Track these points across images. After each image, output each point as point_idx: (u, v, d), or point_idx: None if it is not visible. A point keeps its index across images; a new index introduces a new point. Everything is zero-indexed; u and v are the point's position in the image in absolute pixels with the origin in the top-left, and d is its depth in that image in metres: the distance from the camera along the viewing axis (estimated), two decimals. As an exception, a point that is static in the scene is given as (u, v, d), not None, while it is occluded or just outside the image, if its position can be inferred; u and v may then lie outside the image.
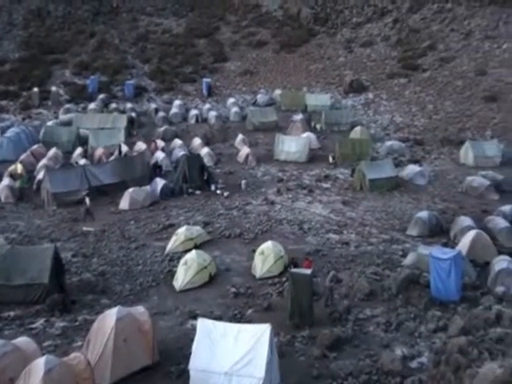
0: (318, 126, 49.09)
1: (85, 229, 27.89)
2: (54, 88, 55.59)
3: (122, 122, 45.71)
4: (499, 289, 20.03)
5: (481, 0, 72.01)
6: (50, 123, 47.31)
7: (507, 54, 57.55)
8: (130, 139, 43.23)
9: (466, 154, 39.39)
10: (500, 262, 21.36)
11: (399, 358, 16.14)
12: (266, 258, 22.57)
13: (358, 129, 45.48)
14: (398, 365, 15.92)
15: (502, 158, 38.59)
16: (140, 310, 16.48)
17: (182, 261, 22.08)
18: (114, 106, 52.85)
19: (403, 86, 58.47)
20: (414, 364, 16.14)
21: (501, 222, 26.02)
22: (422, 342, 17.25)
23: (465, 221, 26.37)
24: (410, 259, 22.44)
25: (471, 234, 23.90)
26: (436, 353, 16.28)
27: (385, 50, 68.07)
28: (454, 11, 71.16)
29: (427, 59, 62.42)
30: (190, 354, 14.52)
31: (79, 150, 39.53)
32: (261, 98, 57.93)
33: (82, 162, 36.54)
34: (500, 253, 23.11)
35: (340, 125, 49.04)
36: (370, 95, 58.16)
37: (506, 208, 28.15)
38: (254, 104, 56.52)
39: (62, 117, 48.99)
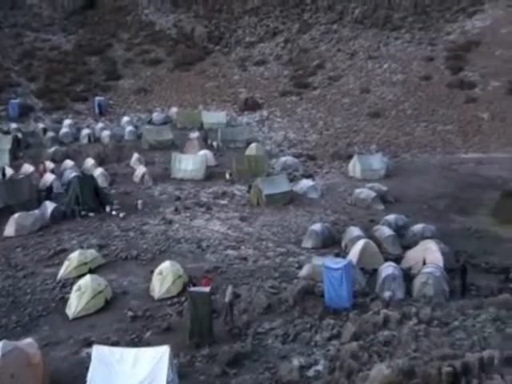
0: (214, 144, 49.60)
1: (-35, 260, 25.87)
2: None
3: (6, 143, 43.11)
4: (386, 294, 21.37)
5: (363, 23, 77.51)
6: None
7: (388, 74, 62.20)
8: (15, 161, 40.84)
9: (354, 167, 41.75)
10: (386, 269, 22.83)
11: (296, 368, 16.64)
12: (164, 278, 22.33)
13: (253, 145, 46.59)
14: (296, 375, 16.42)
15: (386, 171, 41.43)
16: (28, 342, 15.61)
17: (76, 287, 21.20)
18: (-4, 126, 49.73)
19: (295, 104, 60.98)
20: (310, 373, 16.68)
21: (386, 231, 27.85)
22: (318, 350, 17.91)
23: (354, 231, 27.90)
24: (305, 271, 23.30)
25: (360, 243, 25.32)
26: (330, 360, 17.01)
27: (277, 68, 70.65)
28: (340, 32, 75.75)
29: (317, 78, 65.68)
30: (86, 383, 14.00)
31: (-42, 175, 36.74)
32: (156, 116, 57.46)
33: (-38, 187, 33.93)
34: (386, 260, 24.73)
35: (236, 142, 49.94)
36: (265, 112, 59.94)
37: (391, 217, 30.18)
38: (150, 122, 55.92)
39: None
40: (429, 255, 24.56)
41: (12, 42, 71.29)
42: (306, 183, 37.89)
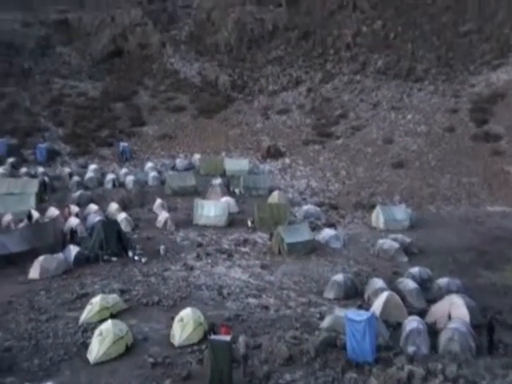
0: (236, 191, 50.55)
1: (-11, 301, 26.54)
2: (-44, 151, 53.49)
3: (33, 186, 44.56)
4: (410, 349, 21.30)
5: (386, 73, 79.36)
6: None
7: (411, 124, 63.14)
8: (41, 205, 42.14)
9: (377, 217, 42.05)
10: (410, 323, 22.77)
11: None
12: (185, 325, 22.60)
13: (275, 193, 47.38)
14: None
15: (409, 222, 41.59)
16: (51, 387, 15.95)
17: (97, 331, 21.57)
18: (24, 170, 51.48)
19: (318, 153, 62.01)
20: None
21: (410, 284, 27.85)
22: (340, 404, 17.86)
23: (377, 283, 27.98)
24: (327, 322, 23.37)
25: (384, 295, 25.35)
26: (353, 414, 16.96)
27: (300, 117, 72.25)
28: (363, 83, 77.55)
29: (339, 127, 66.96)
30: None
31: (-15, 217, 37.99)
32: (180, 162, 58.98)
33: (-12, 229, 35.12)
34: (410, 313, 24.67)
35: (258, 189, 50.81)
36: (287, 161, 61.00)
37: (415, 270, 30.21)
38: (173, 168, 57.39)
39: (-35, 183, 46.92)
40: (454, 310, 24.42)
41: (41, 89, 74.51)
42: (328, 232, 38.22)
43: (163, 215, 40.76)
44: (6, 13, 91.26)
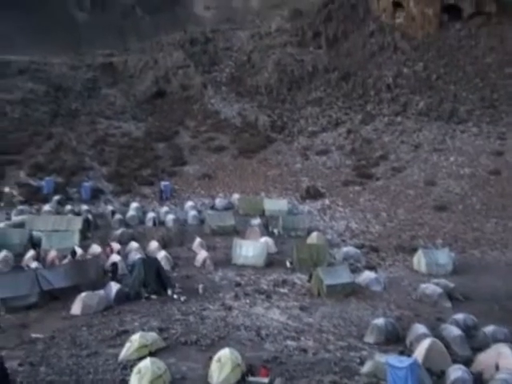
0: (275, 231, 50.98)
1: (33, 335, 27.46)
2: (7, 189, 56.15)
3: (77, 224, 46.21)
4: (454, 397, 20.87)
5: (428, 115, 79.48)
6: (1, 225, 47.25)
7: (454, 167, 62.73)
8: (84, 242, 43.58)
9: (419, 261, 41.59)
10: (455, 371, 22.28)
11: None
12: (222, 365, 22.78)
13: (314, 234, 47.57)
14: None
15: (453, 267, 40.93)
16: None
17: (136, 369, 21.97)
18: (69, 207, 53.52)
19: (358, 194, 62.12)
20: None
21: (454, 331, 27.31)
22: None
23: (420, 328, 27.56)
24: (367, 367, 23.15)
25: (426, 342, 24.96)
26: None
27: (340, 158, 72.80)
28: (404, 124, 77.89)
29: (380, 168, 67.08)
30: None
31: (31, 253, 39.46)
32: (219, 202, 60.08)
33: (34, 265, 36.43)
34: (455, 361, 24.16)
35: (297, 230, 51.09)
36: (326, 201, 61.27)
37: (459, 316, 29.63)
38: (212, 208, 58.46)
39: (15, 218, 49.14)
40: (502, 360, 23.68)
41: (87, 129, 77.81)
42: (368, 275, 37.99)
43: (202, 254, 41.44)
44: (56, 57, 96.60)
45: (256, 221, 51.85)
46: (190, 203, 58.97)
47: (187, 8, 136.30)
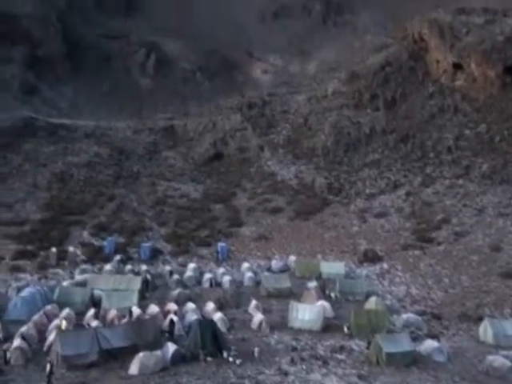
0: (332, 295, 50.89)
1: (94, 393, 28.60)
2: (71, 248, 59.31)
3: (136, 284, 48.03)
4: None
5: (492, 178, 78.28)
6: (64, 283, 49.83)
7: (523, 232, 61.09)
8: (143, 302, 45.15)
9: (486, 331, 40.34)
10: None
11: None
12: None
13: (373, 299, 47.15)
14: None
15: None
16: None
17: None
18: (129, 267, 55.88)
19: (418, 258, 61.28)
20: None
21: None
22: None
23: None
24: None
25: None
26: None
27: (398, 221, 72.41)
28: (466, 187, 77.00)
29: (441, 233, 66.17)
30: None
31: (92, 312, 41.28)
32: (275, 264, 60.80)
33: (94, 323, 38.06)
34: None
35: (355, 294, 50.79)
36: (385, 265, 60.72)
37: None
38: (269, 270, 59.21)
39: (78, 277, 51.78)
40: None
41: (147, 190, 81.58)
42: (430, 344, 37.20)
43: (258, 317, 41.92)
44: (120, 121, 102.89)
45: (312, 284, 52.04)
46: (246, 265, 60.01)
47: (245, 73, 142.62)
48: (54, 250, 57.71)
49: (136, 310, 41.13)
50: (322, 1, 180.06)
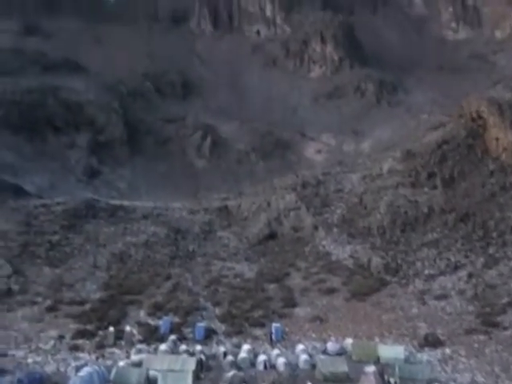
0: (391, 380, 50.15)
1: None
2: (127, 328, 61.48)
3: (191, 364, 49.26)
4: None
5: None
6: (121, 363, 51.69)
7: None
8: (197, 383, 46.23)
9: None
10: None
11: None
12: None
13: (435, 387, 46.35)
14: None
15: None
16: None
17: None
18: (184, 347, 57.19)
19: (483, 344, 59.68)
20: None
21: None
22: None
23: None
24: None
25: None
26: None
27: (460, 303, 71.08)
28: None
29: (507, 317, 64.51)
30: None
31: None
32: (331, 346, 60.53)
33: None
34: None
35: (416, 380, 49.83)
36: (447, 351, 59.39)
37: None
38: (324, 352, 59.03)
39: (134, 357, 53.56)
40: None
41: (202, 270, 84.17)
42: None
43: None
44: (176, 202, 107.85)
45: (370, 368, 51.45)
46: (300, 346, 60.06)
47: (299, 152, 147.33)
48: (111, 329, 60.05)
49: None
50: (376, 81, 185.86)
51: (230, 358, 54.56)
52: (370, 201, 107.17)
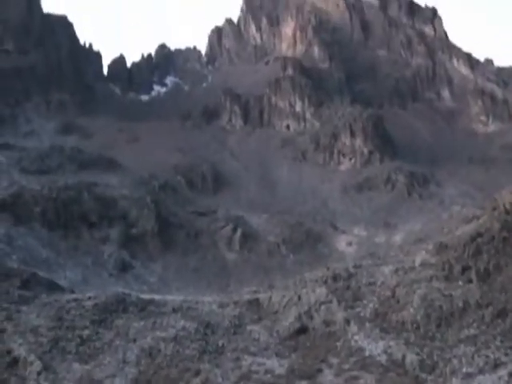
0: None
1: None
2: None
3: None
4: None
5: None
6: None
7: None
8: None
9: None
10: None
11: None
12: None
13: None
14: None
15: None
16: None
17: None
18: None
19: None
20: None
21: None
22: None
23: None
24: None
25: None
26: None
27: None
28: None
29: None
30: None
31: None
32: None
33: None
34: None
35: None
36: None
37: None
38: None
39: None
40: None
41: (232, 365, 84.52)
42: None
43: None
44: (206, 295, 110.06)
45: None
46: None
47: (329, 245, 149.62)
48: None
49: None
50: (406, 173, 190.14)
51: None
52: (403, 294, 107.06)
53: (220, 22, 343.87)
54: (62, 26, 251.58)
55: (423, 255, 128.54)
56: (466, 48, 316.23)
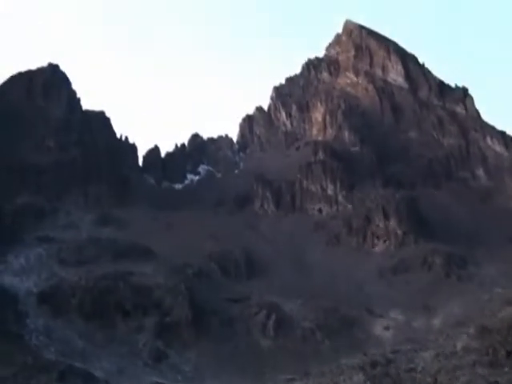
0: None
1: None
2: None
3: None
4: None
5: None
6: None
7: None
8: None
9: None
10: None
11: None
12: None
13: None
14: None
15: None
16: None
17: None
18: None
19: None
20: None
21: None
22: None
23: None
24: None
25: None
26: None
27: None
28: None
29: None
30: None
31: None
32: None
33: None
34: None
35: None
36: None
37: None
38: None
39: None
40: None
41: None
42: None
43: None
44: (242, 382, 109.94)
45: None
46: None
47: (366, 330, 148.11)
48: None
49: None
50: (443, 254, 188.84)
51: None
52: (446, 381, 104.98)
53: (251, 111, 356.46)
54: (99, 121, 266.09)
55: (465, 339, 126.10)
56: (499, 126, 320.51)
